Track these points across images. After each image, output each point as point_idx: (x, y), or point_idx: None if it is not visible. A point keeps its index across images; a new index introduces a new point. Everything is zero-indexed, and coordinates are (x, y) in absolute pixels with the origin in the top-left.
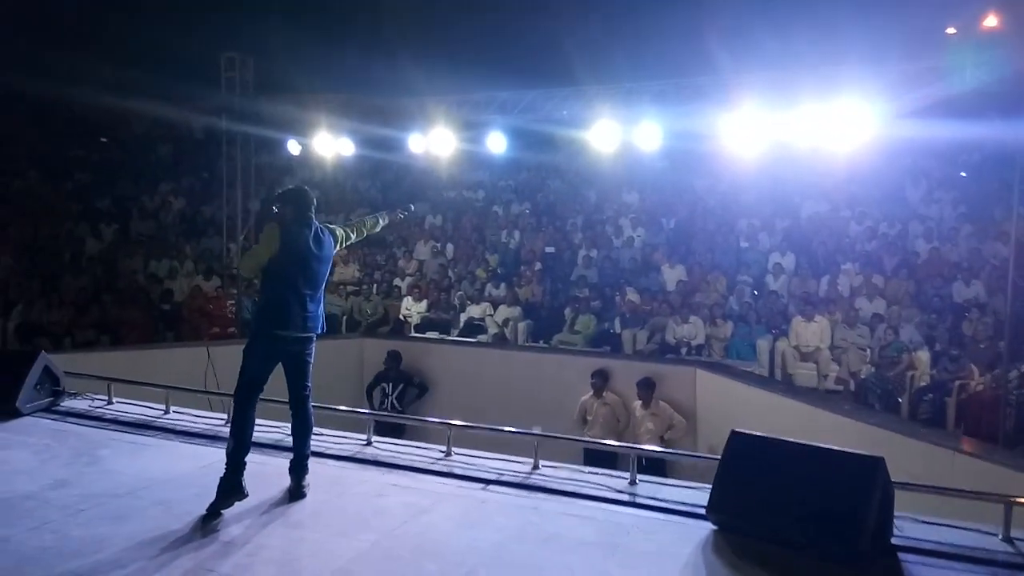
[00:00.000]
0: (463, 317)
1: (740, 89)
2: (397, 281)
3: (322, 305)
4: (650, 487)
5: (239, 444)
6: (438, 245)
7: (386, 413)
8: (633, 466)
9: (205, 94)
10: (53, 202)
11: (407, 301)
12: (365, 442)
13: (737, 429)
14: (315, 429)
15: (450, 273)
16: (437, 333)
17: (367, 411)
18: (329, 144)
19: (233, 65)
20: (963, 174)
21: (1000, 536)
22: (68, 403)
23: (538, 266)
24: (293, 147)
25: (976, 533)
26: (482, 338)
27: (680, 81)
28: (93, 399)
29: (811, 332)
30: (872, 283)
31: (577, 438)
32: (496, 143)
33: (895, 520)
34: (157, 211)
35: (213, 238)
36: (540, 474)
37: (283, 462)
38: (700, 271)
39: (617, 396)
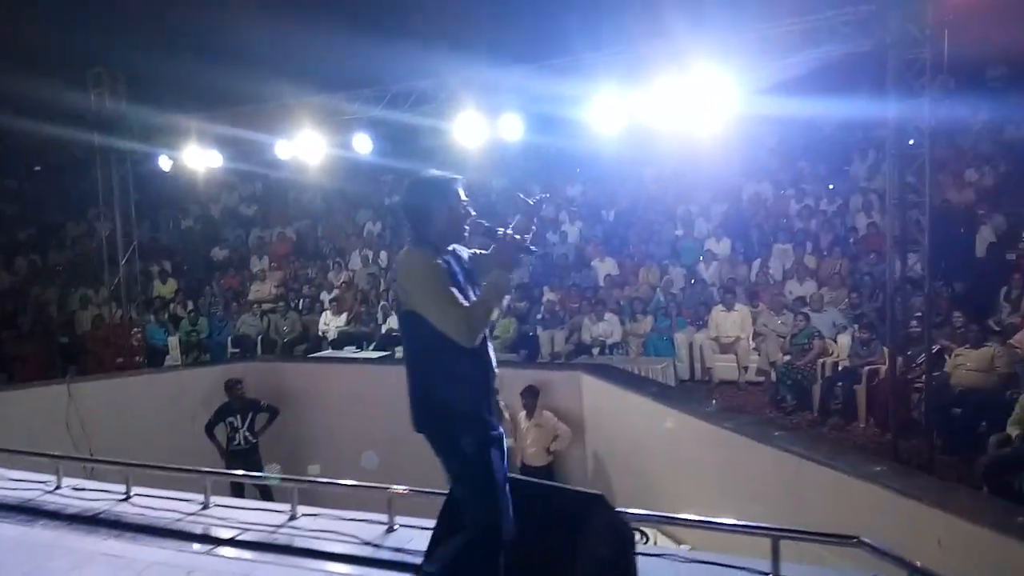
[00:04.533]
0: (384, 329)
1: (597, 68)
2: (324, 295)
3: None
4: (407, 534)
5: None
6: (370, 254)
7: (241, 447)
8: (391, 509)
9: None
10: None
11: (325, 316)
12: (201, 504)
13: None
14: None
15: (382, 283)
16: (354, 348)
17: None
18: (199, 157)
19: (101, 80)
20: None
21: (770, 572)
22: None
23: None
24: (164, 162)
25: (743, 571)
26: (399, 351)
27: (544, 64)
28: None
29: (731, 322)
30: (804, 264)
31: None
32: (362, 145)
33: (655, 557)
34: (81, 238)
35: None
36: (292, 526)
37: None
38: (632, 264)
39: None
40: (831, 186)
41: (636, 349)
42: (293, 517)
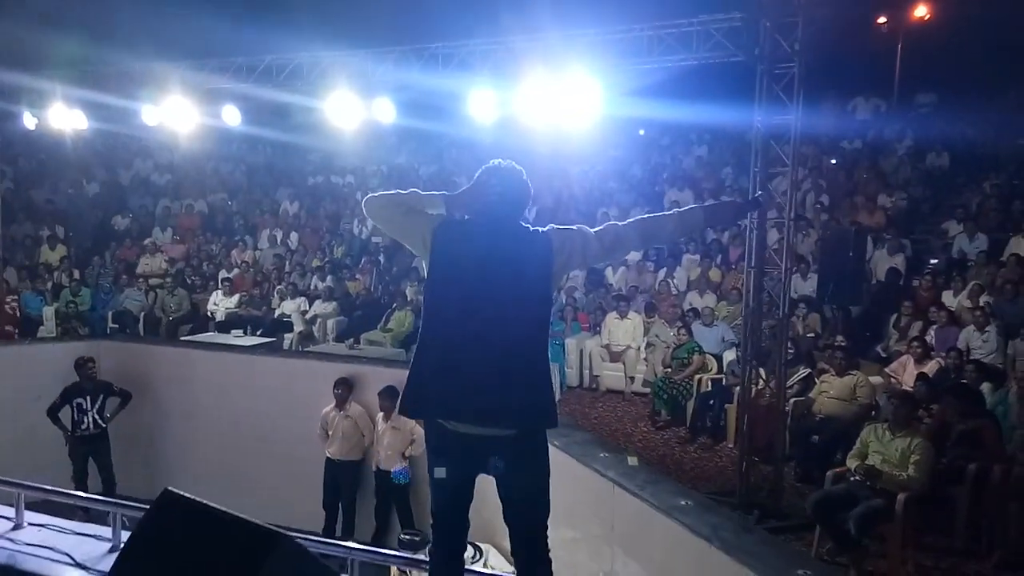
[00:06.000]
0: (276, 314)
1: (473, 58)
2: (224, 273)
3: None
4: (38, 534)
5: None
6: (280, 234)
7: (88, 431)
8: (20, 503)
9: None
10: None
11: (216, 295)
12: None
13: (171, 488)
14: None
15: (287, 265)
16: (241, 331)
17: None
18: (64, 117)
19: None
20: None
21: None
22: None
23: (382, 258)
24: (28, 120)
25: None
26: (288, 336)
27: (418, 48)
28: None
29: (623, 330)
30: (707, 277)
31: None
32: (231, 116)
33: None
34: None
35: (25, 225)
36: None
37: None
38: None
39: (363, 408)
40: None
41: None
42: (18, 527)
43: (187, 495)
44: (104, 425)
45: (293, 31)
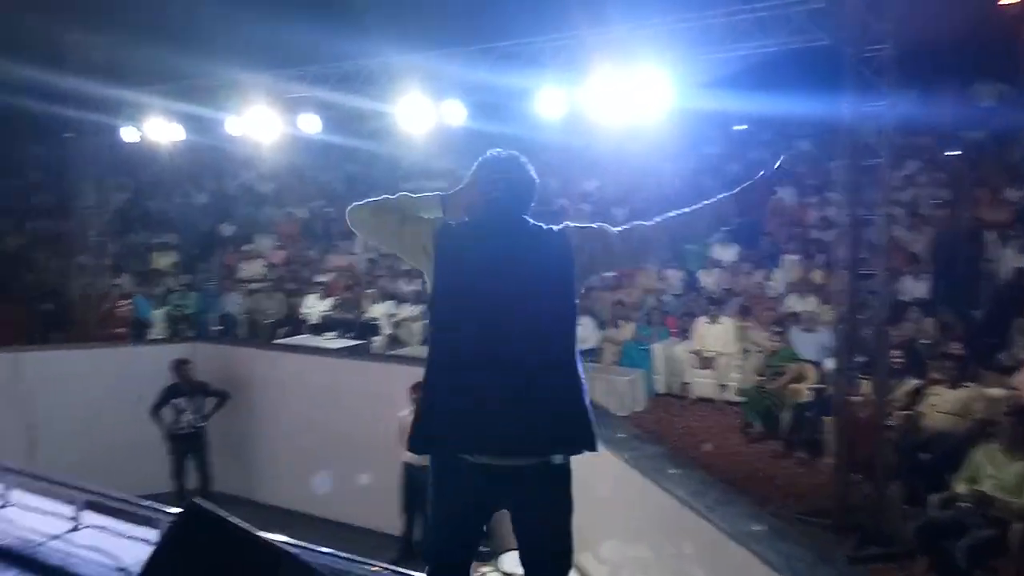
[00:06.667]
0: (364, 317)
1: (541, 55)
2: (319, 277)
3: None
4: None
5: None
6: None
7: (186, 431)
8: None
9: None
10: None
11: (309, 299)
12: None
13: (197, 500)
14: None
15: (377, 269)
16: (333, 334)
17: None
18: (163, 130)
19: (78, 48)
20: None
21: None
22: None
23: None
24: (131, 134)
25: None
26: (376, 340)
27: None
28: None
29: (714, 335)
30: (809, 279)
31: None
32: (310, 124)
33: None
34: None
35: (140, 234)
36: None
37: None
38: None
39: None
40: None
41: (611, 357)
42: (75, 528)
43: (212, 508)
44: (202, 425)
45: (365, 36)
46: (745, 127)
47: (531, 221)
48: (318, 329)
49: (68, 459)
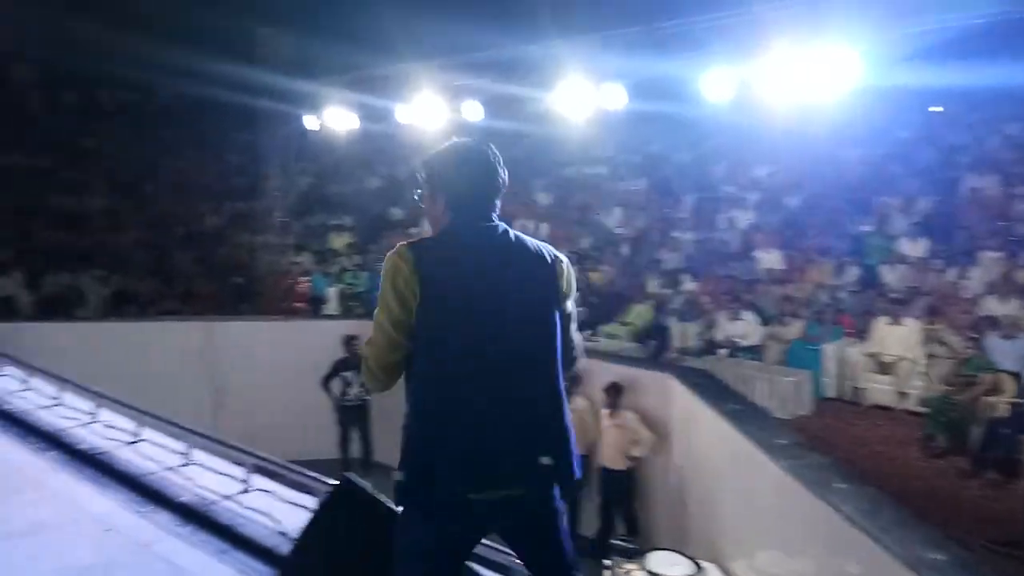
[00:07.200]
0: None
1: (709, 34)
2: None
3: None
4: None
5: None
6: (531, 224)
7: (353, 403)
8: (249, 468)
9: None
10: (197, 180)
11: None
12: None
13: (348, 474)
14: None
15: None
16: None
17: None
18: (340, 118)
19: (267, 41)
20: None
21: None
22: None
23: (625, 248)
24: (312, 122)
25: None
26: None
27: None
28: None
29: (896, 337)
30: (1012, 279)
31: None
32: (473, 112)
33: None
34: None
35: (319, 215)
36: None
37: None
38: (802, 258)
39: (588, 400)
40: None
41: (776, 356)
42: (246, 491)
43: (363, 485)
44: (367, 398)
45: (525, 22)
46: (941, 109)
47: (501, 226)
48: None
49: (247, 421)
